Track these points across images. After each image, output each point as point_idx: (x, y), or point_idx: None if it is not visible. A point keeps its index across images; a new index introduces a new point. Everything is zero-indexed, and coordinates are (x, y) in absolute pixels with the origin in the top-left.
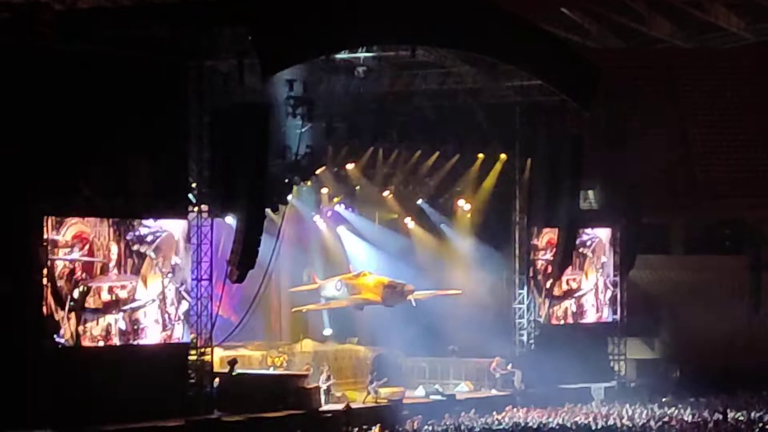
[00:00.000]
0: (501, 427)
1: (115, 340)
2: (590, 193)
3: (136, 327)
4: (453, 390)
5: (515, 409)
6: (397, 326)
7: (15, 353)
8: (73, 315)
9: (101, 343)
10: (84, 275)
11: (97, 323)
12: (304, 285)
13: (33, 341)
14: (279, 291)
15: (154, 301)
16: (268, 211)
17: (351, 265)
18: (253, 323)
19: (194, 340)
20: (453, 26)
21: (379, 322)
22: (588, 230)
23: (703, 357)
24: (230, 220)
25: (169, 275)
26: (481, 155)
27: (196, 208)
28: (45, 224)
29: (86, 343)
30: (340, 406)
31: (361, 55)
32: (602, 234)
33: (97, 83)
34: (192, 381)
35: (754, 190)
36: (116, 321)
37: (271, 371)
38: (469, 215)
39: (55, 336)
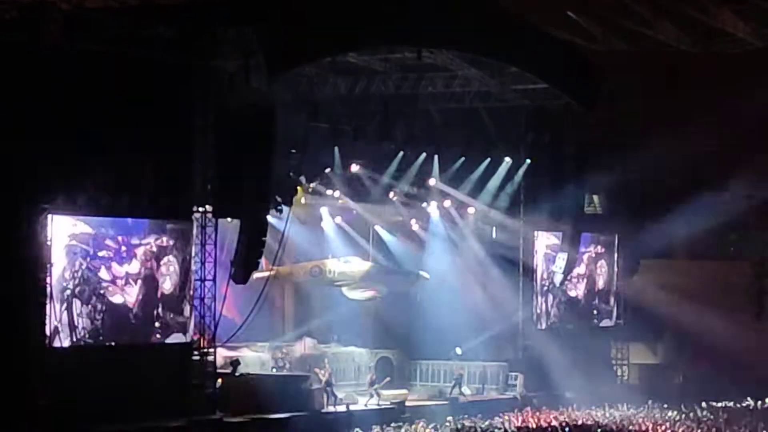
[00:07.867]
0: (503, 428)
1: (119, 340)
2: (595, 197)
3: (140, 326)
4: (456, 393)
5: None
6: (401, 328)
7: (16, 352)
8: (76, 314)
9: (104, 343)
10: (89, 275)
11: (101, 322)
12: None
13: (35, 340)
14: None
15: (159, 300)
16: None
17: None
18: (256, 323)
19: (197, 341)
20: (459, 29)
21: (382, 325)
22: (592, 235)
23: (706, 363)
24: (234, 220)
25: (175, 275)
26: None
27: (200, 209)
28: (49, 223)
29: (89, 342)
30: (342, 408)
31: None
32: (606, 239)
33: (103, 82)
34: (195, 381)
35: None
36: (120, 321)
37: (273, 372)
38: (473, 219)
39: (57, 335)
